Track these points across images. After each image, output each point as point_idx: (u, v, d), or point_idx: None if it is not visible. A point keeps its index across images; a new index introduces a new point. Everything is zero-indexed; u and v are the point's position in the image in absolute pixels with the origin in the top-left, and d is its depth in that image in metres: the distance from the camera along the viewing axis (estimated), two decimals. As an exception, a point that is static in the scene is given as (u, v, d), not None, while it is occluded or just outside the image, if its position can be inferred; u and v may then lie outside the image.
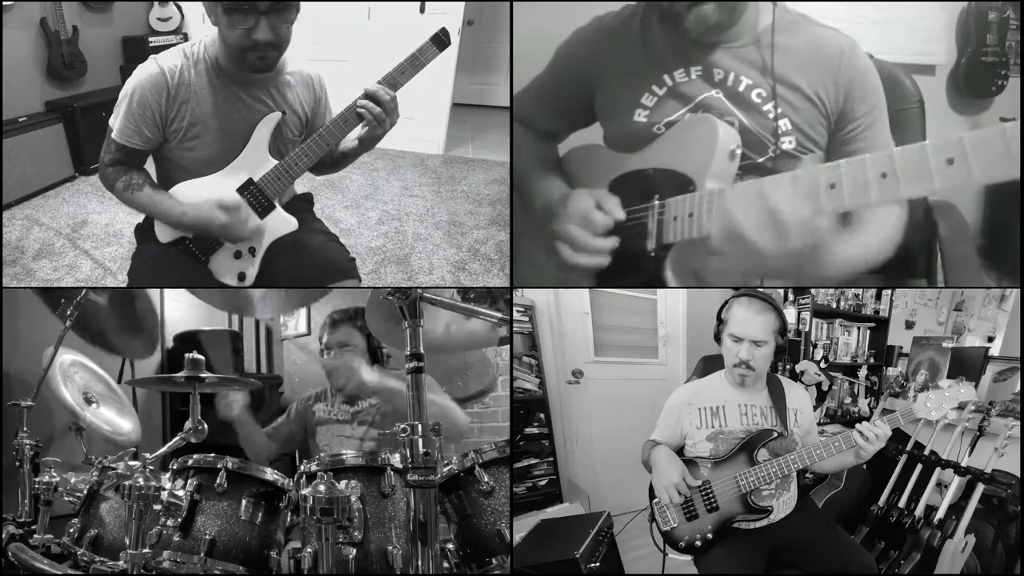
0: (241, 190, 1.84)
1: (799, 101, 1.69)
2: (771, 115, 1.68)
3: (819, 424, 2.96)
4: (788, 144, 1.70)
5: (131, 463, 1.58)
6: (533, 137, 2.00)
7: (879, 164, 1.34)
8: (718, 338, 1.92)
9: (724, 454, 1.81)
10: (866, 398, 3.27)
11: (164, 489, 1.59)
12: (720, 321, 1.90)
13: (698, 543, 1.79)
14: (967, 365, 2.86)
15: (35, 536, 1.83)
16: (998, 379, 2.72)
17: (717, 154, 1.62)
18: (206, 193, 1.83)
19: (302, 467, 1.73)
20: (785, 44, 1.68)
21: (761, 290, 1.88)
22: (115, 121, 1.80)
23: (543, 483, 3.21)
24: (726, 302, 1.89)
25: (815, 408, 3.03)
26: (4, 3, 3.55)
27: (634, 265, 1.70)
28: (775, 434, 1.81)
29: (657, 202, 1.68)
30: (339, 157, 2.03)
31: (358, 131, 1.86)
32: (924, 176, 1.29)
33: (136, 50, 4.39)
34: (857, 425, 1.70)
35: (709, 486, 1.80)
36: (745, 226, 1.46)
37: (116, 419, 2.36)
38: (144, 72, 1.76)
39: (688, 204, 1.62)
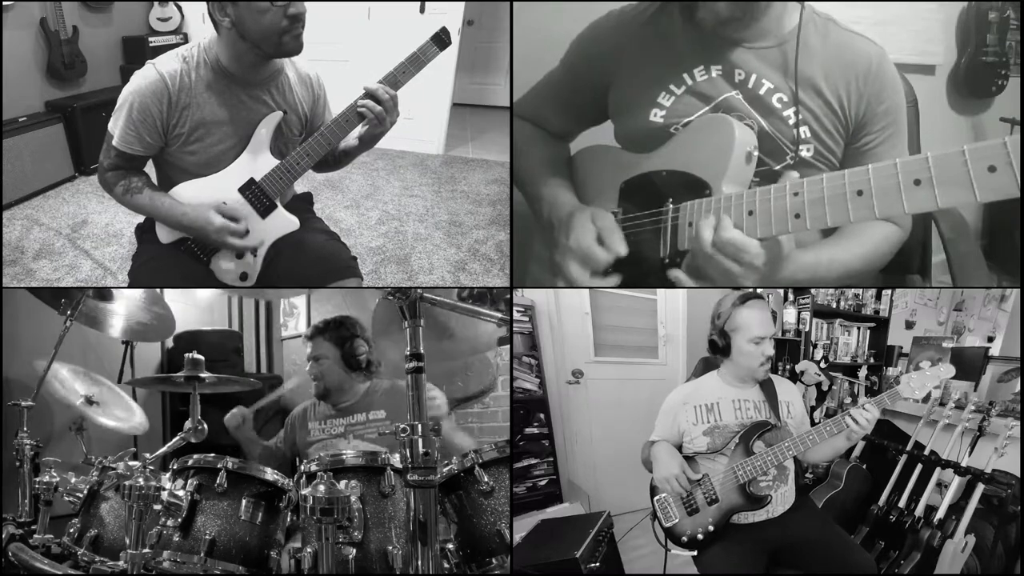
0: (243, 190, 1.84)
1: (820, 109, 1.64)
2: (791, 121, 1.63)
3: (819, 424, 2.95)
4: (806, 152, 1.65)
5: (131, 463, 1.58)
6: (544, 137, 1.96)
7: (856, 182, 1.29)
8: (724, 348, 1.88)
9: (721, 447, 1.83)
10: (866, 398, 3.27)
11: (164, 489, 1.59)
12: (723, 332, 1.88)
13: (700, 537, 1.81)
14: (967, 365, 2.86)
15: (35, 536, 1.83)
16: (1003, 379, 2.72)
17: (734, 157, 1.55)
18: (208, 193, 1.83)
19: (302, 467, 1.73)
20: (812, 47, 1.62)
21: (748, 289, 1.87)
22: (115, 128, 1.78)
23: (543, 483, 3.21)
24: (728, 312, 1.87)
25: (815, 408, 3.04)
26: (4, 3, 3.55)
27: (647, 272, 1.65)
28: (770, 425, 1.84)
29: (671, 206, 1.62)
30: (340, 155, 2.03)
31: (359, 130, 1.86)
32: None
33: (136, 50, 4.40)
34: (851, 410, 1.72)
35: (708, 479, 1.82)
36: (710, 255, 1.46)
37: (122, 412, 2.36)
38: (143, 79, 1.75)
39: (704, 209, 1.54)
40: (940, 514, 2.18)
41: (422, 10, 4.63)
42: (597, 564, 2.05)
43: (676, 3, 1.68)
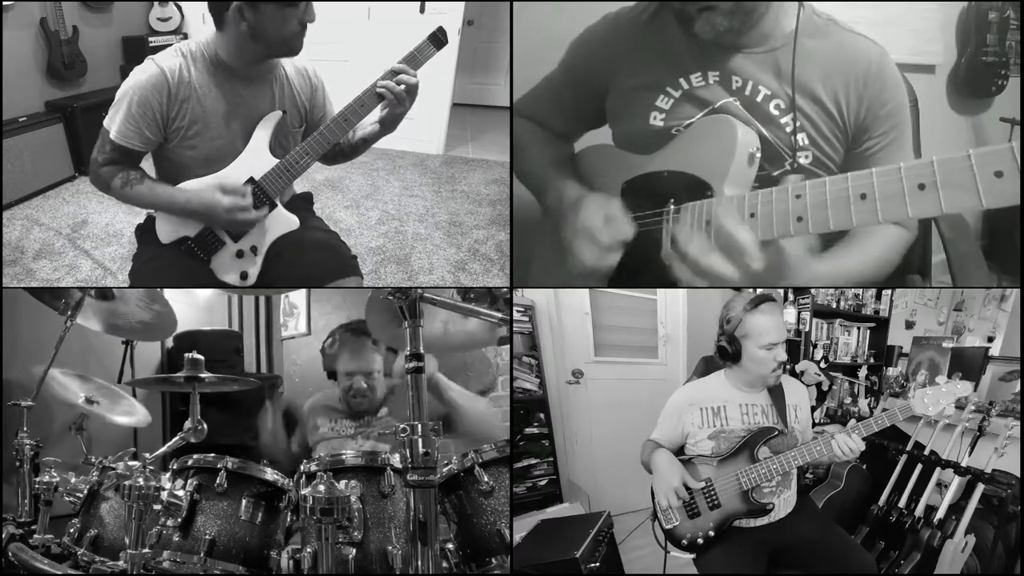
0: (242, 190, 1.84)
1: (818, 115, 1.62)
2: (788, 128, 1.62)
3: (819, 424, 2.96)
4: (804, 159, 1.64)
5: (131, 463, 1.58)
6: (547, 136, 1.96)
7: (859, 185, 1.28)
8: (734, 354, 1.84)
9: (725, 452, 1.82)
10: (866, 398, 3.27)
11: (164, 489, 1.59)
12: (733, 337, 1.84)
13: (700, 541, 1.80)
14: (967, 365, 2.86)
15: (35, 536, 1.83)
16: (1007, 378, 2.71)
17: (736, 158, 1.54)
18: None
19: (302, 467, 1.73)
20: (811, 49, 1.61)
21: (761, 290, 1.87)
22: (112, 122, 1.78)
23: (543, 483, 3.21)
24: (739, 317, 1.82)
25: (815, 408, 3.04)
26: (4, 3, 3.55)
27: (647, 271, 1.64)
28: (776, 432, 1.82)
29: (672, 207, 1.61)
30: (358, 143, 2.01)
31: (377, 114, 1.86)
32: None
33: (136, 50, 4.40)
34: (836, 436, 1.70)
35: (711, 484, 1.80)
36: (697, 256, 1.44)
37: (125, 407, 2.37)
38: (143, 73, 1.75)
39: (705, 210, 1.53)
40: (940, 514, 2.17)
41: (422, 10, 4.63)
42: (597, 564, 2.05)
43: (672, 12, 1.67)
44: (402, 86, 1.78)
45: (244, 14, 1.69)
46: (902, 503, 2.32)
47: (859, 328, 3.53)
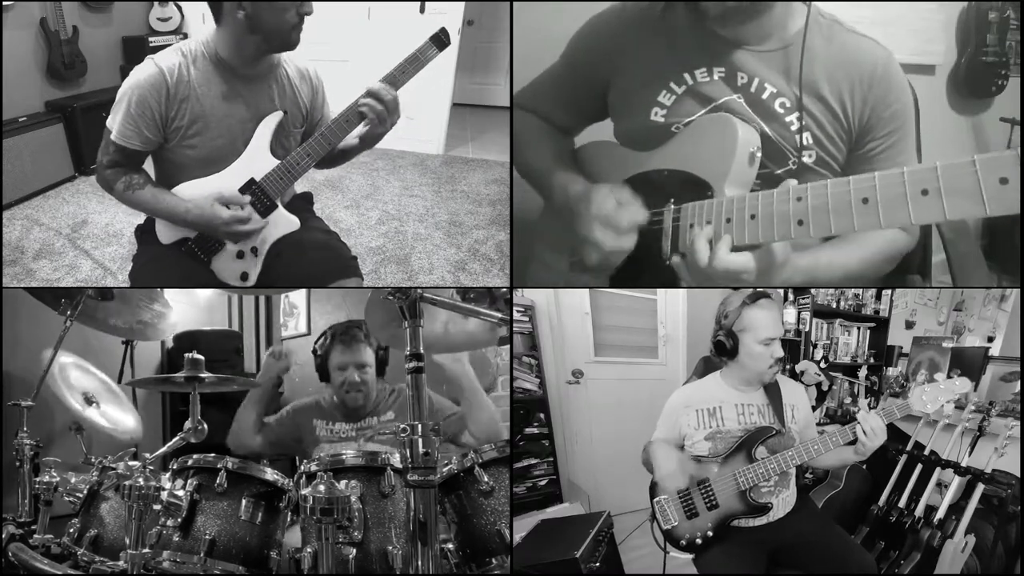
0: (243, 190, 1.84)
1: (823, 114, 1.62)
2: (793, 127, 1.62)
3: (818, 424, 2.95)
4: (808, 158, 1.63)
5: (131, 463, 1.58)
6: (549, 130, 1.95)
7: (862, 189, 1.27)
8: (731, 349, 1.84)
9: (723, 452, 1.82)
10: (866, 398, 3.27)
11: (164, 489, 1.59)
12: (730, 332, 1.84)
13: (699, 541, 1.80)
14: (967, 365, 2.86)
15: (35, 536, 1.83)
16: (1007, 378, 2.71)
17: (736, 158, 1.53)
18: (208, 194, 1.83)
19: (302, 467, 1.73)
20: (817, 51, 1.60)
21: (759, 289, 1.87)
22: (113, 123, 1.79)
23: (543, 483, 3.21)
24: (736, 311, 1.83)
25: (815, 408, 3.04)
26: (4, 3, 3.55)
27: (649, 270, 1.64)
28: (773, 431, 1.82)
29: (672, 207, 1.61)
30: (337, 155, 2.02)
31: (359, 129, 1.87)
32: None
33: (136, 50, 4.40)
34: (859, 417, 1.70)
35: (709, 484, 1.80)
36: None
37: (118, 416, 2.36)
38: (142, 73, 1.76)
39: (706, 211, 1.52)
40: (940, 514, 2.18)
41: (422, 10, 4.63)
42: (597, 564, 2.05)
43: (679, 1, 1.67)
44: (380, 107, 1.77)
45: (242, 3, 1.70)
46: (902, 503, 2.32)
47: (859, 328, 3.53)
